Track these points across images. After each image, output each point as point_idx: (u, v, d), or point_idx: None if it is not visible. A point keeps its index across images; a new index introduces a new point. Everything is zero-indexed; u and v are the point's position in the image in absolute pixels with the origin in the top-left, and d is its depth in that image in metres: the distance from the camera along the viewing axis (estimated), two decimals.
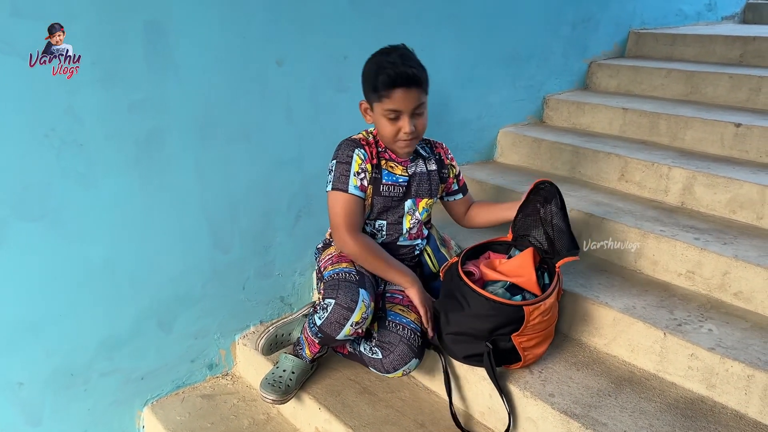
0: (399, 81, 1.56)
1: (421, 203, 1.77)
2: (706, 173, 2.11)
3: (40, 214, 1.59)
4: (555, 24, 2.87)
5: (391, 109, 1.59)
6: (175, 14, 1.67)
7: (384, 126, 1.64)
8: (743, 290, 1.74)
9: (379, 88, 1.58)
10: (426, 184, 1.77)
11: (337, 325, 1.54)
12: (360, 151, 1.66)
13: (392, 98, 1.58)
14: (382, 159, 1.72)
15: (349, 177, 1.64)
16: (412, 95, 1.59)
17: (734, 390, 1.50)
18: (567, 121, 2.89)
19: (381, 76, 1.57)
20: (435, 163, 1.81)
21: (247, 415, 1.94)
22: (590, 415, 1.48)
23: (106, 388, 1.86)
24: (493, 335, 1.54)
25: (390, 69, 1.56)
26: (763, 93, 2.58)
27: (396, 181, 1.72)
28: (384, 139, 1.69)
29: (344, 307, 1.54)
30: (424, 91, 1.63)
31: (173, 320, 1.94)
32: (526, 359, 1.60)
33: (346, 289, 1.56)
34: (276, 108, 1.95)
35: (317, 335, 1.60)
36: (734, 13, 4.16)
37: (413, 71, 1.58)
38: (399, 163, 1.74)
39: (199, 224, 1.90)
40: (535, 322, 1.53)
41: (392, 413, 1.72)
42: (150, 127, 1.71)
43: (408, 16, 2.24)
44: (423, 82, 1.62)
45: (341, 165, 1.66)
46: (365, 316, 1.56)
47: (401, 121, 1.61)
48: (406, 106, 1.60)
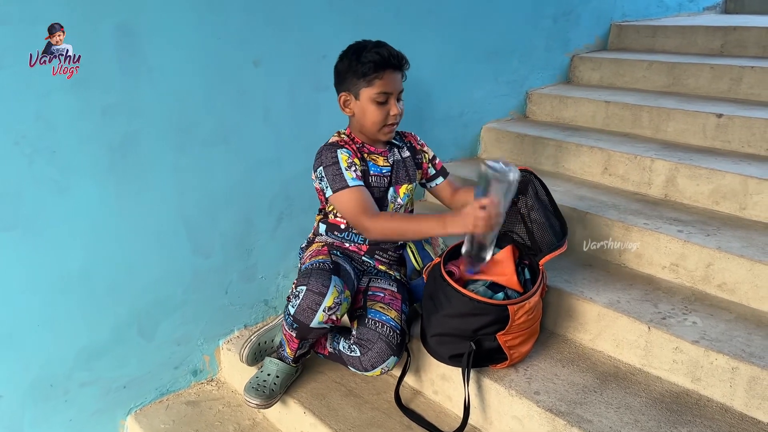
0: (390, 61, 1.62)
1: (401, 189, 1.79)
2: (689, 165, 2.11)
3: (12, 224, 1.55)
4: (536, 18, 2.86)
5: (383, 91, 1.63)
6: (147, 16, 1.64)
7: (372, 112, 1.65)
8: (727, 282, 1.74)
9: (369, 73, 1.61)
10: (404, 171, 1.80)
11: (309, 311, 1.53)
12: (342, 150, 1.67)
13: (384, 79, 1.63)
14: (363, 153, 1.73)
15: (343, 173, 1.63)
16: (399, 77, 1.67)
17: (719, 383, 1.50)
18: (550, 116, 2.88)
19: (369, 61, 1.60)
20: (408, 150, 1.84)
21: (233, 420, 1.92)
22: (576, 412, 1.47)
23: (88, 398, 1.83)
24: (478, 335, 1.53)
25: (378, 50, 1.61)
26: (744, 83, 2.58)
27: (381, 171, 1.74)
28: (371, 127, 1.69)
29: (315, 292, 1.53)
30: (404, 78, 1.70)
31: (154, 327, 1.91)
32: (512, 357, 1.59)
33: (317, 276, 1.56)
34: (253, 109, 1.93)
35: (292, 326, 1.59)
36: (715, 4, 4.16)
37: (400, 53, 1.65)
38: (380, 154, 1.76)
39: (177, 229, 1.87)
40: (520, 321, 1.52)
41: (378, 415, 1.70)
42: (124, 132, 1.68)
43: (386, 12, 2.22)
44: (406, 65, 1.68)
45: (330, 167, 1.65)
46: (338, 302, 1.55)
47: (389, 104, 1.66)
48: (395, 88, 1.66)
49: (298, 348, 1.70)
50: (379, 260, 1.82)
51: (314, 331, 1.59)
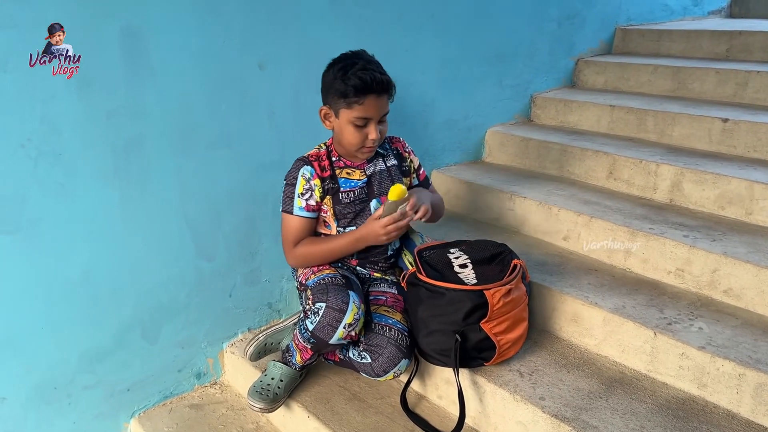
0: (373, 87, 1.54)
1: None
2: (694, 169, 2.10)
3: (17, 226, 1.55)
4: (540, 21, 2.85)
5: (362, 116, 1.58)
6: (152, 19, 1.64)
7: (349, 133, 1.61)
8: (733, 287, 1.73)
9: (350, 95, 1.54)
10: (387, 181, 1.75)
11: (329, 328, 1.52)
12: (306, 169, 1.67)
13: (364, 105, 1.56)
14: (336, 168, 1.70)
15: (294, 199, 1.67)
16: (383, 102, 1.59)
17: (725, 389, 1.49)
18: (555, 120, 2.87)
19: (352, 81, 1.53)
20: (394, 158, 1.80)
21: (236, 424, 1.91)
22: (581, 418, 1.46)
23: (91, 401, 1.82)
24: (462, 326, 1.55)
25: (363, 74, 1.52)
26: (749, 87, 2.57)
27: (355, 185, 1.71)
28: (347, 147, 1.66)
29: (336, 309, 1.52)
30: (391, 99, 1.64)
31: (158, 330, 1.91)
32: (501, 344, 1.59)
33: (335, 292, 1.55)
34: (257, 112, 1.93)
35: (309, 341, 1.59)
36: (720, 8, 4.16)
37: (386, 78, 1.57)
38: (356, 167, 1.72)
39: (181, 232, 1.86)
40: (499, 305, 1.55)
41: (382, 420, 1.69)
42: (129, 135, 1.68)
43: (390, 16, 2.22)
44: (392, 89, 1.62)
45: (288, 187, 1.69)
46: (357, 318, 1.55)
47: (368, 128, 1.60)
48: (376, 113, 1.59)
49: (310, 359, 1.70)
50: (372, 269, 1.81)
51: (331, 347, 1.59)
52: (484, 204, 2.38)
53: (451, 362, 1.55)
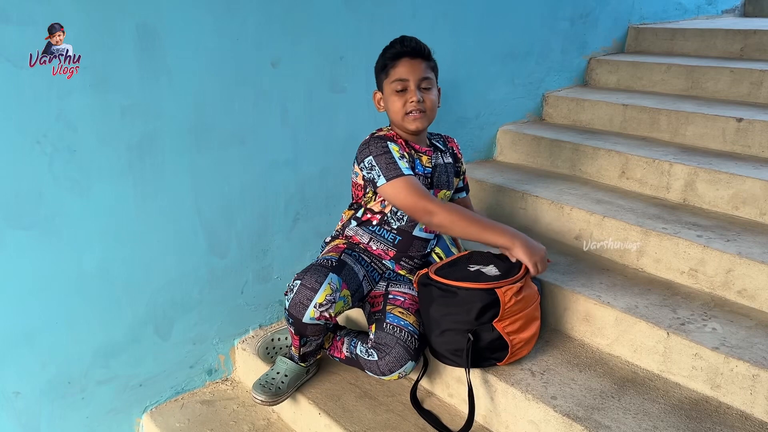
0: (404, 51, 1.65)
1: (439, 194, 1.78)
2: (708, 169, 2.08)
3: (32, 222, 1.57)
4: (553, 20, 2.84)
5: (398, 79, 1.65)
6: (167, 17, 1.65)
7: (393, 102, 1.67)
8: (747, 288, 1.71)
9: (387, 64, 1.66)
10: (445, 176, 1.80)
11: (301, 306, 1.54)
12: (392, 144, 1.64)
13: (397, 68, 1.64)
14: (409, 150, 1.72)
15: (397, 162, 1.60)
16: (417, 65, 1.65)
17: (739, 390, 1.48)
18: (567, 118, 2.86)
19: (388, 52, 1.66)
20: (450, 156, 1.85)
21: (247, 420, 1.92)
22: (593, 417, 1.45)
23: (104, 396, 1.84)
24: (475, 325, 1.55)
25: (395, 43, 1.67)
26: (764, 87, 2.55)
27: (424, 171, 1.73)
28: (395, 118, 1.69)
29: (308, 288, 1.55)
30: (431, 68, 1.69)
31: (170, 326, 1.92)
32: (513, 344, 1.58)
33: (314, 272, 1.58)
34: (271, 110, 1.93)
35: (288, 320, 1.61)
36: (734, 6, 4.12)
37: (418, 43, 1.67)
38: (424, 153, 1.75)
39: (194, 229, 1.88)
40: (510, 304, 1.54)
41: (393, 417, 1.69)
42: (143, 132, 1.69)
43: (403, 14, 2.22)
44: (427, 56, 1.69)
45: (382, 156, 1.61)
46: (330, 299, 1.55)
47: (408, 93, 1.65)
48: (412, 76, 1.65)
49: (301, 345, 1.70)
50: (401, 266, 1.81)
51: (309, 327, 1.59)
52: (496, 203, 2.37)
53: (464, 362, 1.55)
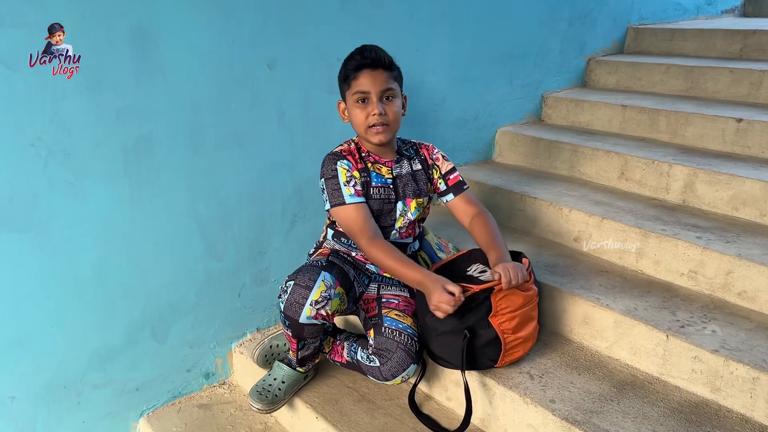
0: (364, 63, 1.59)
1: (411, 204, 1.74)
2: (708, 170, 2.07)
3: (26, 225, 1.56)
4: (551, 21, 2.83)
5: (359, 90, 1.60)
6: (162, 19, 1.64)
7: (356, 115, 1.63)
8: (747, 290, 1.70)
9: (349, 75, 1.61)
10: (412, 185, 1.74)
11: (297, 305, 1.54)
12: (342, 162, 1.65)
13: (359, 79, 1.60)
14: (367, 162, 1.70)
15: (341, 189, 1.63)
16: (379, 77, 1.60)
17: (739, 393, 1.47)
18: (566, 119, 2.85)
19: (349, 63, 1.62)
20: (420, 163, 1.78)
21: (245, 424, 1.91)
22: (592, 421, 1.44)
23: (100, 400, 1.83)
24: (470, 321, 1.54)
25: (355, 54, 1.62)
26: (764, 87, 2.54)
27: (383, 182, 1.71)
28: (359, 130, 1.67)
29: (302, 286, 1.54)
30: (393, 78, 1.64)
31: (167, 329, 1.91)
32: (507, 342, 1.57)
33: (306, 271, 1.58)
34: (268, 112, 1.92)
35: (285, 323, 1.60)
36: (734, 6, 4.11)
37: (378, 54, 1.61)
38: (383, 164, 1.72)
39: (190, 232, 1.87)
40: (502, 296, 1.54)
41: (391, 421, 1.68)
42: (138, 134, 1.68)
43: (400, 16, 2.21)
44: (389, 66, 1.63)
45: (330, 181, 1.65)
46: (326, 296, 1.55)
47: (369, 105, 1.61)
48: (373, 87, 1.60)
49: (299, 349, 1.69)
50: None
51: (307, 328, 1.58)
52: (495, 204, 2.36)
53: (459, 361, 1.54)
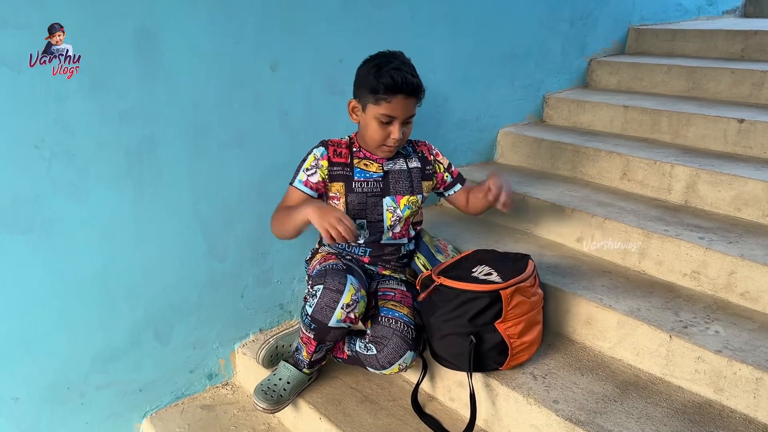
0: (403, 88, 1.57)
1: (402, 200, 1.75)
2: (710, 170, 2.07)
3: (29, 227, 1.56)
4: (553, 21, 2.83)
5: (387, 114, 1.60)
6: (165, 20, 1.64)
7: (374, 129, 1.64)
8: (750, 290, 1.70)
9: (380, 92, 1.58)
10: (406, 182, 1.76)
11: (328, 309, 1.54)
12: (318, 150, 1.71)
13: (392, 104, 1.59)
14: (355, 158, 1.72)
15: (299, 172, 1.71)
16: (410, 104, 1.62)
17: (743, 393, 1.47)
18: (567, 120, 2.85)
19: (384, 79, 1.56)
20: (417, 160, 1.80)
21: (248, 425, 1.91)
22: (595, 421, 1.44)
23: (104, 401, 1.83)
24: (477, 326, 1.54)
25: (395, 74, 1.56)
26: (765, 88, 2.54)
27: (370, 177, 1.72)
28: (369, 142, 1.68)
29: (333, 290, 1.54)
30: (419, 103, 1.66)
31: (170, 330, 1.91)
32: (513, 347, 1.57)
33: (333, 275, 1.58)
34: (270, 113, 1.92)
35: (310, 327, 1.59)
36: (735, 7, 4.11)
37: (417, 81, 1.61)
38: (374, 161, 1.74)
39: (193, 233, 1.87)
40: (513, 305, 1.55)
41: (394, 422, 1.68)
42: (141, 136, 1.68)
43: (401, 16, 2.21)
44: (421, 93, 1.64)
45: (301, 162, 1.73)
46: (355, 299, 1.56)
47: (392, 126, 1.63)
48: (402, 114, 1.62)
49: (315, 351, 1.69)
50: (383, 267, 1.82)
51: (332, 332, 1.58)
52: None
53: (465, 365, 1.54)
